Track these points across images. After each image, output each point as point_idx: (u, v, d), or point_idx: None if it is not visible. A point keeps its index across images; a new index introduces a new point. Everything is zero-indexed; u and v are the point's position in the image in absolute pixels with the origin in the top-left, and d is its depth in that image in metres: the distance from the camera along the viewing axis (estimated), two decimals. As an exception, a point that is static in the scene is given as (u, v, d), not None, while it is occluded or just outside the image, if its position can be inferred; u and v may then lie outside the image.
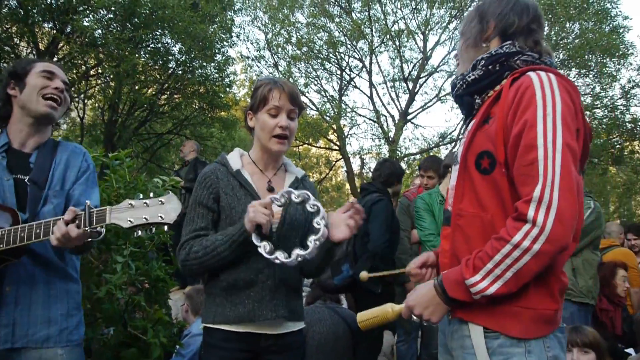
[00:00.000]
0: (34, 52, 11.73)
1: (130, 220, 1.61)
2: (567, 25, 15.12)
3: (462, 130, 1.68)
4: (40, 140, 1.97)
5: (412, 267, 1.76)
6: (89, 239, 1.70)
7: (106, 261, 2.80)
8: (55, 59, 11.44)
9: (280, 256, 1.71)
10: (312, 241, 1.71)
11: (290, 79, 16.33)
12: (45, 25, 11.66)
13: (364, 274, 1.70)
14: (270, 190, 1.96)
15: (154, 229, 1.69)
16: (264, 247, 1.72)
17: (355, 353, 4.16)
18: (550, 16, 14.92)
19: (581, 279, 3.58)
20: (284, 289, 1.90)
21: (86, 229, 1.62)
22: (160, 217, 1.60)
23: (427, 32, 16.86)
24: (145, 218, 1.61)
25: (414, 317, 1.51)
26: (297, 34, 16.86)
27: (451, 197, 1.55)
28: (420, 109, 17.81)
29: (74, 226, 1.63)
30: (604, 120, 15.85)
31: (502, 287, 1.33)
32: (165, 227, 1.69)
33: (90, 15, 11.63)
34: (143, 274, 2.78)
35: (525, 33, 1.55)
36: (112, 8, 11.10)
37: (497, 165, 1.41)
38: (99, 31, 11.47)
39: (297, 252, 1.71)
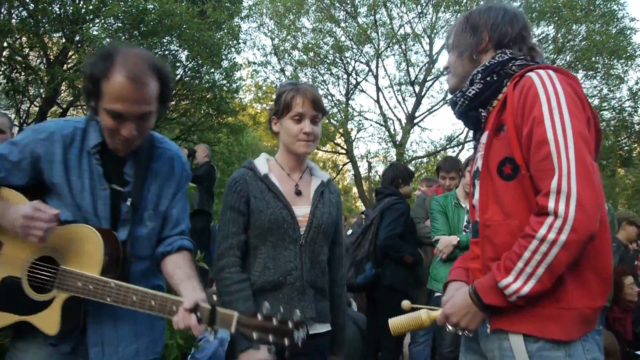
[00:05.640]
0: (44, 62, 11.89)
1: (256, 335, 1.43)
2: (574, 27, 15.11)
3: (475, 145, 1.68)
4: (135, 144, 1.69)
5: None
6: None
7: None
8: (64, 68, 11.59)
9: None
10: None
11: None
12: (55, 35, 11.81)
13: (406, 304, 1.65)
14: (298, 194, 2.01)
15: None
16: None
17: (377, 354, 4.22)
18: (556, 19, 14.93)
19: None
20: (312, 291, 1.94)
21: (208, 328, 1.48)
22: (287, 341, 1.42)
23: (433, 35, 16.92)
24: (272, 338, 1.43)
25: (449, 327, 1.48)
26: (304, 39, 16.97)
27: (478, 209, 1.56)
28: (427, 112, 17.87)
29: (195, 320, 1.46)
30: (612, 122, 15.81)
31: (537, 285, 1.32)
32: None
33: (99, 25, 11.77)
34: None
35: (519, 41, 1.59)
36: (120, 17, 11.24)
37: (520, 169, 1.41)
38: (107, 40, 11.60)
39: None
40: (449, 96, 1.79)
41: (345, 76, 17.84)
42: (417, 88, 17.37)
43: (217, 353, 3.64)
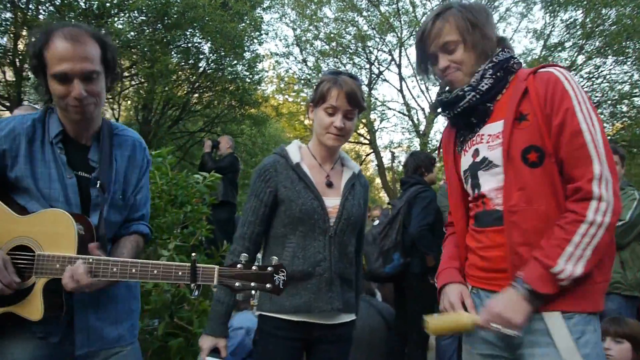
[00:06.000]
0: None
1: (238, 284, 1.54)
2: (604, 11, 14.65)
3: (463, 139, 1.70)
4: (94, 128, 1.74)
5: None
6: None
7: (149, 256, 2.90)
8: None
9: None
10: None
11: (319, 75, 16.38)
12: (81, 28, 12.01)
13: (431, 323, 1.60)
14: (329, 185, 2.01)
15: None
16: None
17: (404, 346, 4.21)
18: (585, 2, 14.52)
19: (630, 272, 3.50)
20: (340, 281, 1.95)
21: (192, 284, 1.55)
22: (269, 287, 1.55)
23: (456, 23, 16.61)
24: (253, 285, 1.54)
25: (494, 326, 1.47)
26: (325, 29, 16.89)
27: (495, 197, 1.58)
28: (451, 102, 17.60)
29: (83, 270, 1.53)
30: (643, 108, 15.33)
31: (586, 266, 1.40)
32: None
33: (123, 18, 11.92)
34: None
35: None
36: (144, 10, 11.37)
37: (547, 156, 1.48)
38: (132, 33, 11.75)
39: None
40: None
41: (367, 66, 17.73)
42: (440, 77, 17.14)
43: (244, 342, 3.68)
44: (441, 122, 21.24)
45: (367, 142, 18.43)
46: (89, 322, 1.68)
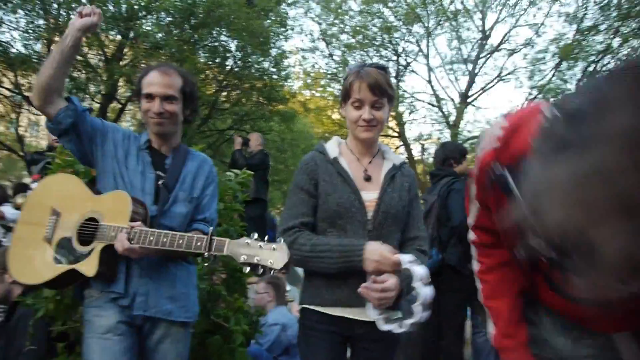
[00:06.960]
0: (103, 59, 12.37)
1: (244, 257, 1.75)
2: (640, -9, 14.12)
3: None
4: (172, 144, 2.23)
5: None
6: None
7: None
8: (120, 64, 11.99)
9: (395, 329, 1.78)
10: (416, 307, 1.77)
11: (346, 68, 16.28)
12: (111, 33, 12.24)
13: None
14: (367, 179, 1.99)
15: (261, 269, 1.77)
16: (381, 320, 1.80)
17: (440, 343, 4.12)
18: (620, -17, 14.00)
19: None
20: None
21: (205, 253, 1.83)
22: (270, 262, 1.72)
23: (485, 10, 16.28)
24: (257, 259, 1.73)
25: None
26: (351, 22, 16.76)
27: None
28: (481, 91, 17.29)
29: (125, 238, 1.90)
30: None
31: None
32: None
33: (152, 20, 12.09)
34: (222, 265, 2.89)
35: None
36: (171, 11, 11.50)
37: None
38: (160, 34, 11.91)
39: (407, 322, 1.78)
40: (504, 72, 1.31)
41: (394, 57, 17.53)
42: (470, 66, 16.83)
43: (280, 338, 3.69)
44: (471, 112, 20.78)
45: (395, 134, 18.26)
46: (149, 290, 2.03)
